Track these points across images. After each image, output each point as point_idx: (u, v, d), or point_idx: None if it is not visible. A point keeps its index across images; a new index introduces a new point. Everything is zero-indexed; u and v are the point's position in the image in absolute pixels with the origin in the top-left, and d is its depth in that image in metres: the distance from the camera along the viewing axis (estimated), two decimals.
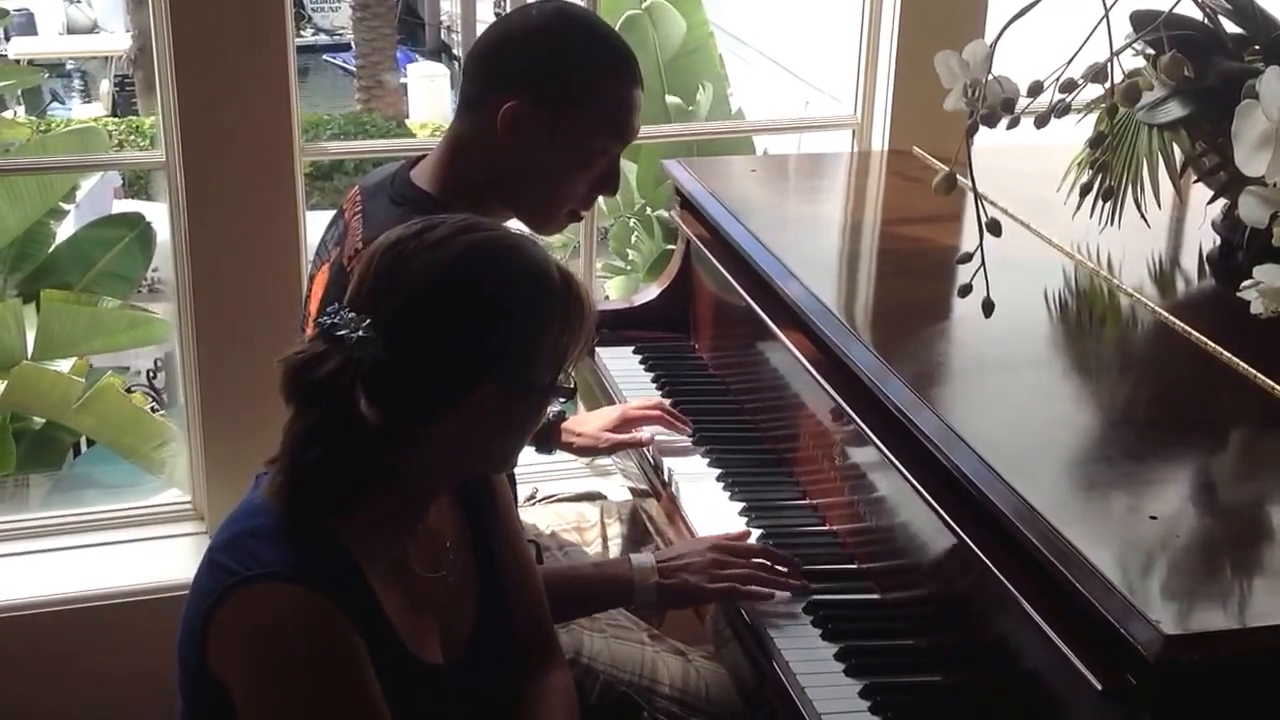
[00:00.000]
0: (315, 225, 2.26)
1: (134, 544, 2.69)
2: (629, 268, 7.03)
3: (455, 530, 1.54)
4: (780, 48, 8.30)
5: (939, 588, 1.60)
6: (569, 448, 2.20)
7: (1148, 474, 1.56)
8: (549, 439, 2.19)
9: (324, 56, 16.71)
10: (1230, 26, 1.99)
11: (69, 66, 15.11)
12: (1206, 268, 2.13)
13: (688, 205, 2.37)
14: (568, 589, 1.73)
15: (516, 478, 1.90)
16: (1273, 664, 1.24)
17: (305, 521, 1.37)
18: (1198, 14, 1.95)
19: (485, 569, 1.55)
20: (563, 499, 2.31)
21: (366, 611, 1.36)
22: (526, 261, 1.39)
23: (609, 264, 7.11)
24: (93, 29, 15.54)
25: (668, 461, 2.05)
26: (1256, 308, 1.61)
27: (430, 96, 13.56)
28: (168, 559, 2.64)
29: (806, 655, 1.61)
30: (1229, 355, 1.73)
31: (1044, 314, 1.98)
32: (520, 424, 1.45)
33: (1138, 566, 1.36)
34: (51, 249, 5.91)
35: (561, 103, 1.77)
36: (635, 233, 7.08)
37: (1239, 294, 1.62)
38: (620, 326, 2.42)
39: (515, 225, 1.81)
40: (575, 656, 1.84)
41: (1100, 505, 1.50)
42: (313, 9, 17.54)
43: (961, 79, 1.46)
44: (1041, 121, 1.52)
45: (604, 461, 2.49)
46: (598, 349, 2.36)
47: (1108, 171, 1.95)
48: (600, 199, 1.94)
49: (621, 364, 2.35)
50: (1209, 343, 1.77)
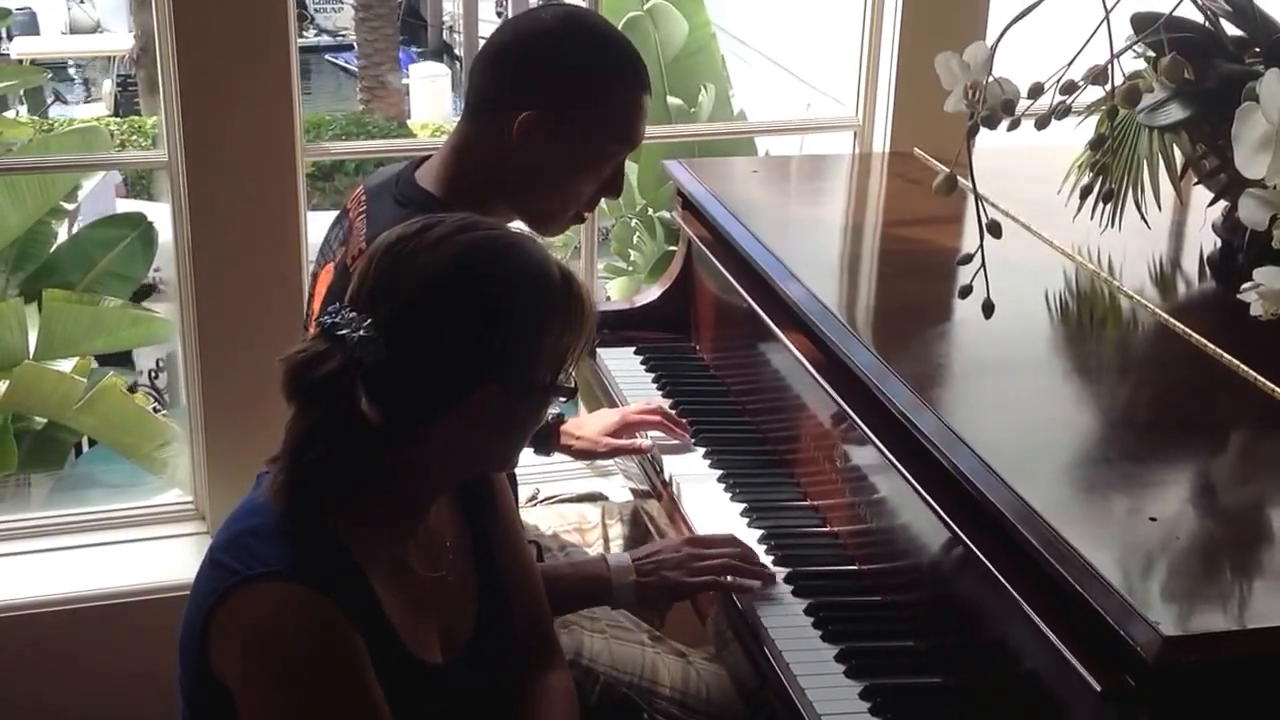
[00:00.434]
0: (317, 225, 2.26)
1: (135, 544, 2.70)
2: (631, 268, 7.02)
3: (455, 530, 1.54)
4: (782, 49, 8.30)
5: (939, 589, 1.60)
6: (568, 450, 2.20)
7: (1148, 476, 1.56)
8: (548, 441, 2.18)
9: (326, 57, 16.73)
10: (1231, 29, 1.99)
11: (71, 66, 15.13)
12: (1207, 270, 2.13)
13: (689, 206, 2.37)
14: (545, 589, 1.70)
15: (518, 478, 1.90)
16: (1272, 665, 1.24)
17: (306, 521, 1.37)
18: (1199, 16, 1.95)
19: (485, 569, 1.55)
20: (564, 500, 2.31)
21: (366, 611, 1.36)
22: (527, 260, 1.39)
23: (611, 265, 7.10)
24: (95, 29, 15.55)
25: (669, 462, 2.05)
26: (1256, 310, 1.61)
27: (432, 97, 13.58)
28: (169, 559, 2.64)
29: (807, 657, 1.61)
30: (1229, 357, 1.73)
31: (1044, 316, 1.98)
32: (521, 424, 1.45)
33: (1137, 568, 1.36)
34: (53, 249, 5.92)
35: (573, 109, 1.77)
36: (637, 233, 7.07)
37: (1239, 296, 1.62)
38: (621, 327, 2.42)
39: (516, 225, 1.82)
40: (575, 657, 1.84)
41: (1100, 507, 1.50)
42: (315, 9, 17.56)
43: (962, 80, 1.47)
44: (1042, 123, 1.52)
45: (605, 462, 2.49)
46: (599, 350, 2.36)
47: (1108, 173, 1.95)
48: (603, 200, 1.95)
49: (622, 364, 2.34)
50: (1209, 345, 1.77)
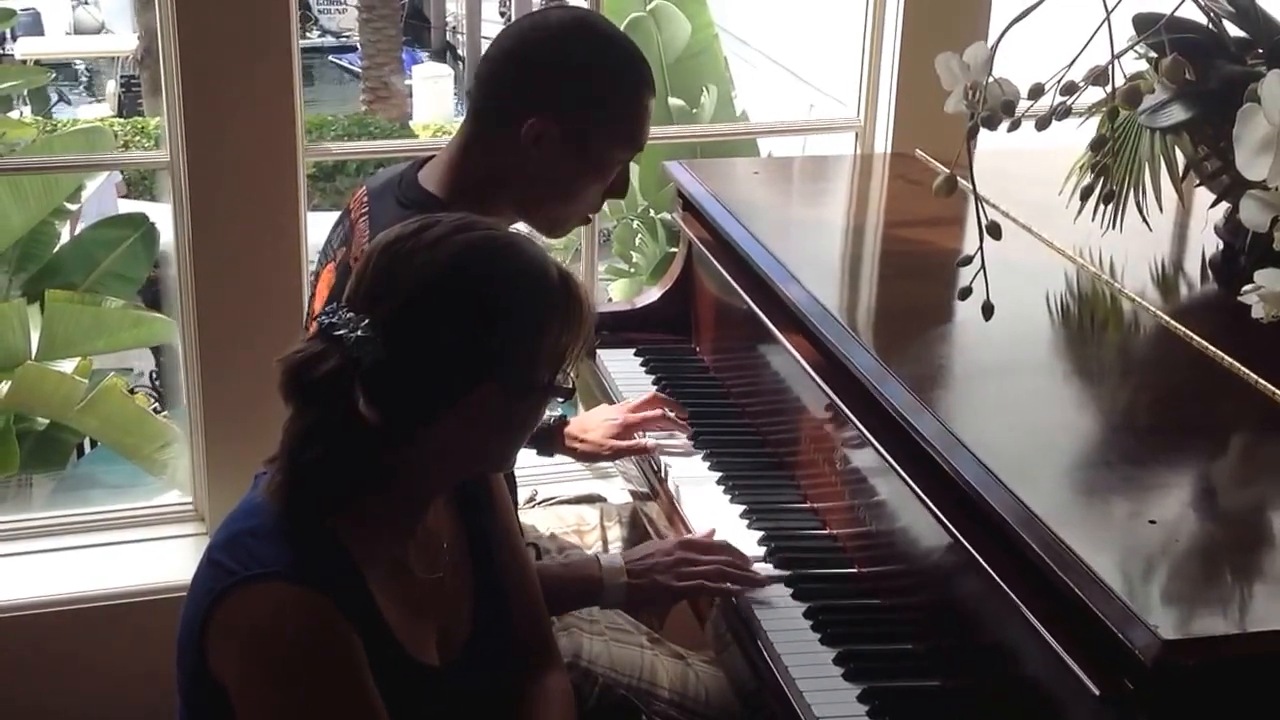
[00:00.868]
0: (318, 226, 2.26)
1: (135, 544, 2.70)
2: (632, 270, 7.01)
3: (453, 531, 1.53)
4: (786, 51, 8.30)
5: (938, 592, 1.59)
6: (572, 453, 2.19)
7: (1148, 479, 1.55)
8: (550, 442, 2.18)
9: (329, 58, 16.73)
10: (1234, 30, 1.98)
11: (77, 67, 15.14)
12: (1209, 272, 2.13)
13: (689, 207, 2.36)
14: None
15: (517, 480, 1.90)
16: (1271, 669, 1.23)
17: (304, 521, 1.37)
18: (1201, 18, 1.94)
19: (483, 570, 1.55)
20: (562, 501, 2.30)
21: (364, 612, 1.36)
22: (524, 260, 1.39)
23: (613, 266, 7.10)
24: (100, 30, 15.57)
25: (668, 464, 2.04)
26: (1257, 312, 1.61)
27: (435, 98, 13.58)
28: (169, 560, 2.64)
29: (805, 659, 1.60)
30: (1230, 360, 1.72)
31: (1045, 318, 1.97)
32: (519, 424, 1.45)
33: (1136, 571, 1.35)
34: (56, 249, 5.92)
35: (582, 114, 1.77)
36: (639, 235, 7.06)
37: (1240, 298, 1.62)
38: (621, 328, 2.41)
39: (519, 227, 1.82)
40: (574, 659, 1.84)
41: (1100, 510, 1.49)
42: (319, 11, 17.58)
43: (962, 81, 1.46)
44: (1042, 124, 1.52)
45: (605, 464, 2.48)
46: (599, 351, 2.35)
47: (1108, 175, 1.95)
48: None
49: (622, 366, 2.33)
50: (1210, 347, 1.76)
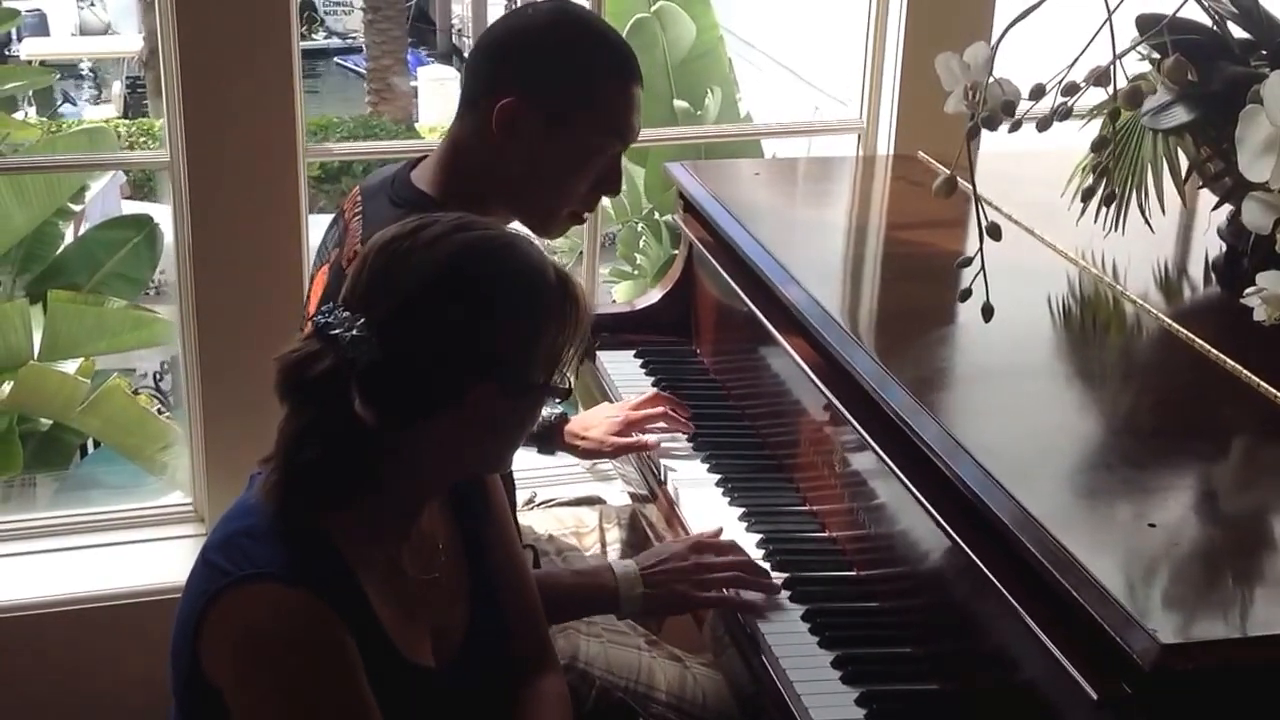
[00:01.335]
0: (320, 227, 2.25)
1: (135, 545, 2.69)
2: (636, 272, 7.01)
3: (447, 533, 1.52)
4: (791, 53, 8.29)
5: (937, 595, 1.59)
6: (574, 450, 2.19)
7: (1148, 482, 1.54)
8: (551, 440, 2.17)
9: (335, 59, 16.74)
10: (1237, 31, 1.97)
11: (83, 68, 15.15)
12: (1212, 275, 2.12)
13: (690, 209, 2.36)
14: (545, 593, 1.66)
15: (516, 481, 1.89)
16: (1270, 674, 1.23)
17: (298, 522, 1.36)
18: (1205, 19, 1.93)
19: (478, 572, 1.54)
20: (561, 503, 2.29)
21: (358, 614, 1.35)
22: (521, 260, 1.38)
23: (617, 269, 7.10)
24: (106, 31, 15.58)
25: (667, 466, 2.04)
26: (1260, 315, 1.60)
27: (440, 99, 13.58)
28: (169, 561, 2.63)
29: (803, 662, 1.59)
30: (1232, 363, 1.71)
31: (1047, 320, 1.96)
32: (515, 424, 1.44)
33: (1135, 575, 1.35)
34: (60, 250, 5.92)
35: (559, 101, 1.75)
36: (643, 237, 7.07)
37: (1242, 301, 1.61)
38: (622, 330, 2.40)
39: (515, 227, 1.81)
40: (571, 661, 1.83)
41: (1099, 513, 1.48)
42: (325, 12, 17.59)
43: (962, 81, 1.45)
44: (1043, 125, 1.51)
45: (605, 465, 2.48)
46: (599, 353, 2.35)
47: (1110, 176, 1.94)
48: (608, 203, 1.93)
49: (622, 368, 2.33)
50: (1212, 350, 1.75)
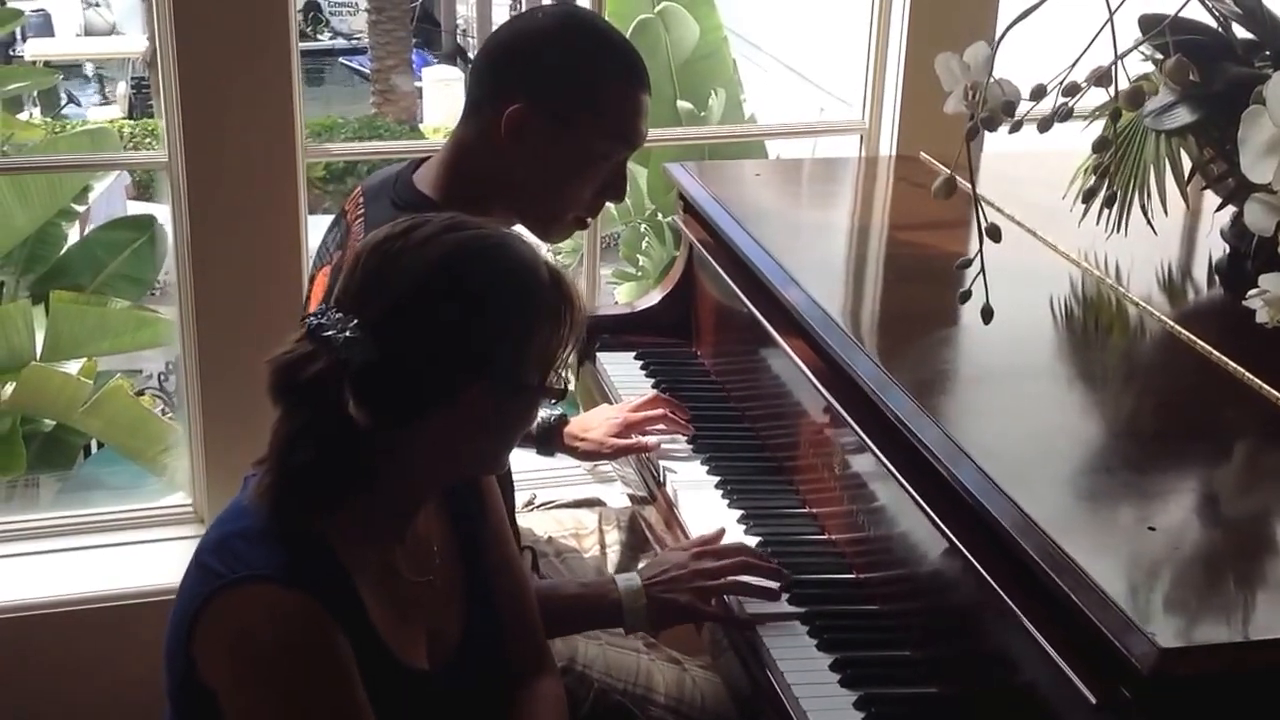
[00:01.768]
0: (322, 228, 2.24)
1: (135, 546, 2.69)
2: (640, 274, 7.01)
3: (443, 535, 1.52)
4: (796, 53, 8.28)
5: (936, 598, 1.58)
6: (573, 452, 2.18)
7: (1148, 485, 1.53)
8: (550, 441, 2.16)
9: (340, 60, 16.76)
10: (1241, 32, 1.96)
11: (88, 68, 15.18)
12: (1215, 277, 2.10)
13: (690, 209, 2.35)
14: (547, 606, 1.65)
15: (515, 483, 1.88)
16: (1270, 678, 1.22)
17: (292, 524, 1.35)
18: (1209, 19, 1.92)
19: (473, 574, 1.53)
20: (561, 505, 2.29)
21: (352, 616, 1.35)
22: (514, 260, 1.38)
23: (620, 270, 7.10)
24: (111, 32, 15.60)
25: (666, 468, 2.03)
26: (1262, 317, 1.59)
27: (445, 100, 13.59)
28: (168, 562, 2.62)
29: (802, 665, 1.59)
30: (1235, 366, 1.70)
31: (1049, 322, 1.95)
32: (510, 425, 1.43)
33: (1135, 578, 1.33)
34: (63, 251, 5.93)
35: (565, 106, 1.75)
36: (646, 239, 7.06)
37: (1244, 303, 1.60)
38: (622, 331, 2.39)
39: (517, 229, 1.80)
40: (569, 664, 1.82)
41: (1099, 516, 1.47)
42: (330, 13, 17.61)
43: (962, 82, 1.44)
44: (1044, 126, 1.50)
45: (605, 467, 2.47)
46: (598, 354, 2.34)
47: (1112, 177, 1.92)
48: (612, 204, 1.92)
49: (622, 369, 2.31)
50: (1215, 353, 1.74)
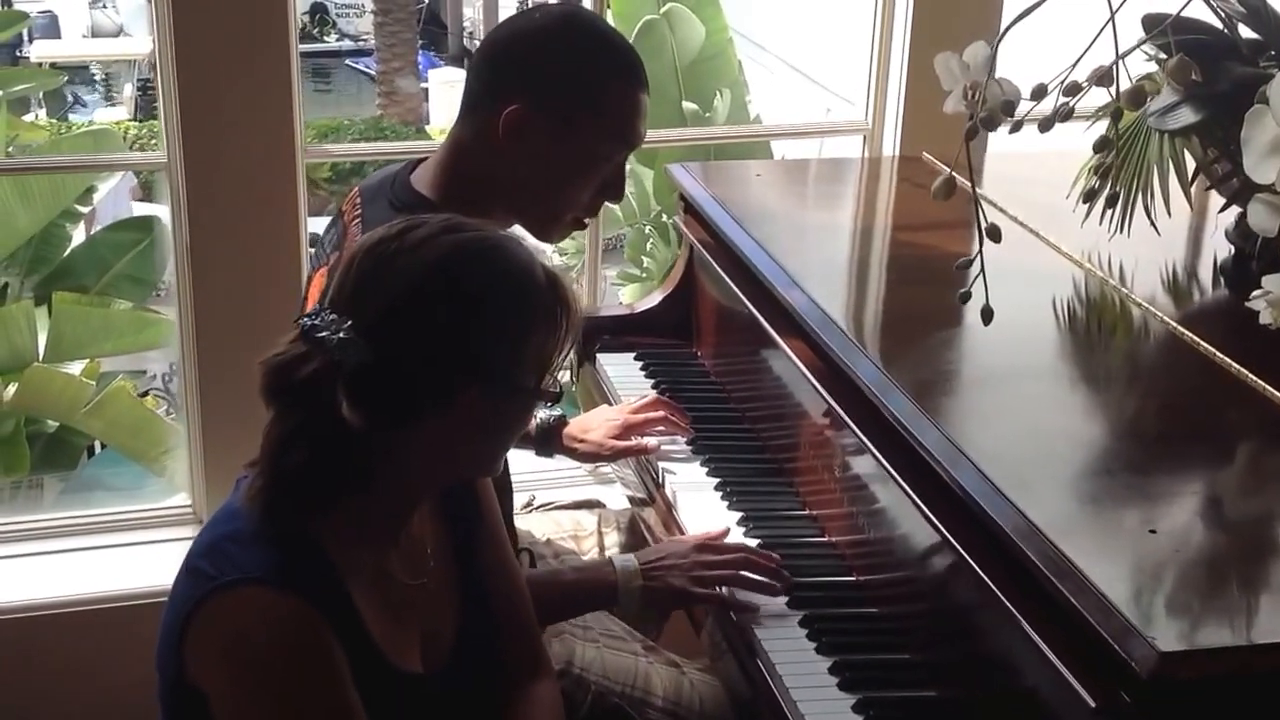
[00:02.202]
0: (321, 228, 2.24)
1: (134, 547, 2.69)
2: (644, 275, 7.00)
3: (437, 537, 1.51)
4: (803, 55, 8.27)
5: (935, 601, 1.57)
6: (572, 453, 2.17)
7: (1149, 487, 1.52)
8: (550, 442, 2.15)
9: (346, 61, 16.77)
10: (1246, 32, 1.95)
11: (94, 70, 15.20)
12: (1220, 278, 2.09)
13: (691, 210, 2.34)
14: (548, 593, 1.68)
15: (513, 484, 1.88)
16: (1270, 682, 1.21)
17: (285, 526, 1.34)
18: (1213, 19, 1.91)
19: (468, 576, 1.52)
20: (560, 506, 2.28)
21: (345, 618, 1.34)
22: (511, 262, 1.36)
23: (624, 271, 7.09)
24: (118, 33, 15.63)
25: (665, 469, 2.02)
26: (1266, 318, 1.57)
27: (451, 102, 13.59)
28: (168, 563, 2.61)
29: (800, 669, 1.58)
30: (1238, 367, 1.69)
31: (1052, 324, 1.94)
32: (505, 427, 1.42)
33: (1135, 582, 1.32)
34: (68, 252, 5.93)
35: (564, 106, 1.74)
36: (650, 239, 7.05)
37: (1248, 304, 1.59)
38: (622, 332, 2.39)
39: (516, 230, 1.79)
40: (567, 666, 1.81)
41: (1099, 519, 1.46)
42: (337, 14, 17.64)
43: (962, 81, 1.43)
44: (1045, 126, 1.49)
45: (605, 469, 2.46)
46: (598, 355, 2.33)
47: (1114, 177, 1.91)
48: (616, 205, 1.91)
49: (622, 370, 2.31)
50: (1218, 354, 1.73)
